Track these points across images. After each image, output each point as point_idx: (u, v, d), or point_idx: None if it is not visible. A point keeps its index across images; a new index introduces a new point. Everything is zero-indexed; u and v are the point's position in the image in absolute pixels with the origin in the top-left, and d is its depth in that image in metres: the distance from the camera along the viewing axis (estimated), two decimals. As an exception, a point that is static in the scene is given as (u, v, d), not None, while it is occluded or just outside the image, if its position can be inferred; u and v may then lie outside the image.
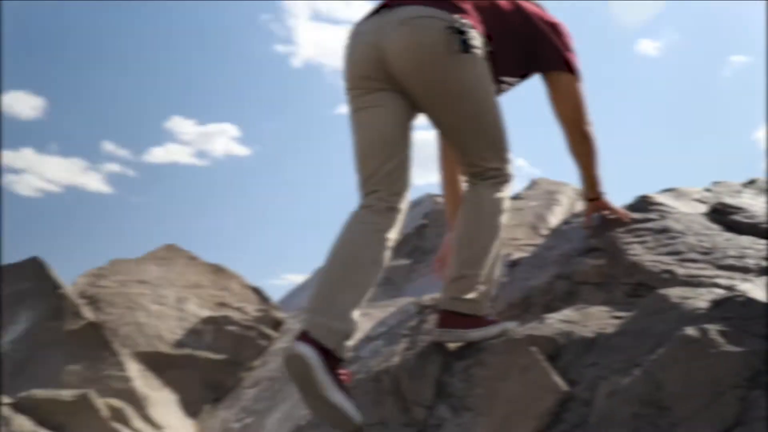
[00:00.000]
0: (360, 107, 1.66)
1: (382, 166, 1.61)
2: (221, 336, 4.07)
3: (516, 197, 4.77)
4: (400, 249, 4.68)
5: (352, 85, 1.67)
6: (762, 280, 1.51)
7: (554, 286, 1.96)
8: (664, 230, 1.96)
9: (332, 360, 1.43)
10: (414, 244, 4.62)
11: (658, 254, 1.82)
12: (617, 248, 1.92)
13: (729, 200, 2.38)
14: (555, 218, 4.18)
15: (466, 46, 1.54)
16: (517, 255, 2.83)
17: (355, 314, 1.48)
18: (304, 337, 1.43)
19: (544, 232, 3.91)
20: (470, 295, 1.62)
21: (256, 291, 4.67)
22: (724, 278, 1.58)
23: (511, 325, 1.66)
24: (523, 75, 1.88)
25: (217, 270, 4.77)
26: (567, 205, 4.54)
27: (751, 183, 2.86)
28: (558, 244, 2.29)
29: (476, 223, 1.68)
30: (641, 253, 1.84)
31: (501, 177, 1.71)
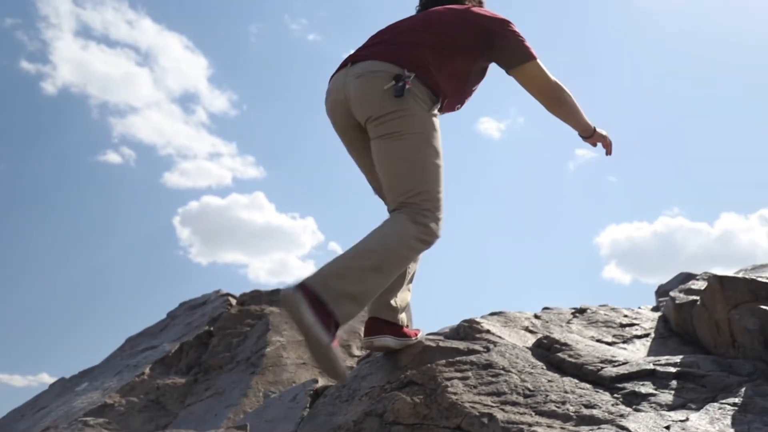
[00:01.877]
0: (350, 152, 2.40)
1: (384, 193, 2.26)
2: None
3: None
4: (174, 362, 4.49)
5: (339, 134, 2.38)
6: None
7: (363, 426, 2.03)
8: (487, 365, 2.16)
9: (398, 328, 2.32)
10: (194, 357, 4.46)
11: (479, 393, 1.99)
12: (437, 384, 2.06)
13: (557, 333, 2.70)
14: (371, 336, 4.33)
15: (399, 91, 2.10)
16: (321, 382, 2.88)
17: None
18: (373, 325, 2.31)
19: (358, 353, 4.04)
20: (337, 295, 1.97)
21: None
22: (543, 426, 1.77)
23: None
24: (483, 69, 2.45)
25: None
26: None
27: (580, 312, 3.28)
28: (372, 372, 2.40)
29: (379, 235, 2.08)
30: (462, 391, 2.00)
31: (421, 217, 2.12)
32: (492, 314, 3.10)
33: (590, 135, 2.59)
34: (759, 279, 2.29)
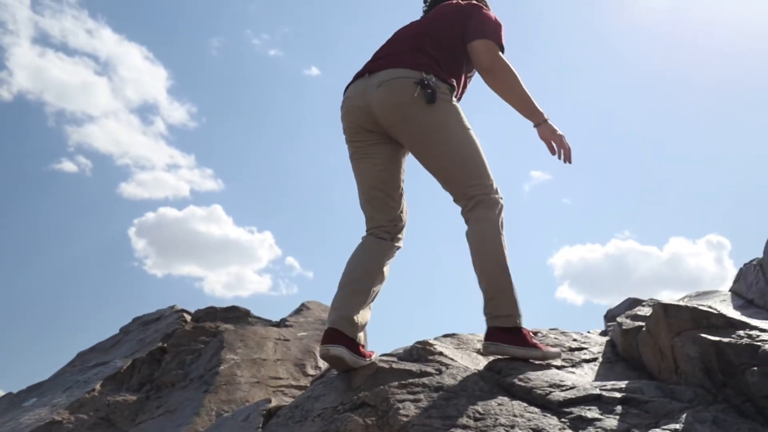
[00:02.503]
0: (359, 158, 2.61)
1: (371, 198, 2.61)
2: None
3: (282, 324, 4.87)
4: (126, 379, 4.42)
5: (351, 138, 2.61)
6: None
7: (314, 448, 2.04)
8: (439, 388, 2.19)
9: (355, 345, 2.39)
10: (146, 374, 4.40)
11: (430, 416, 2.01)
12: (389, 406, 2.08)
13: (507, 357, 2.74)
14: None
15: (431, 98, 2.39)
16: (275, 402, 2.88)
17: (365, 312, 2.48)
18: (331, 335, 2.37)
19: (312, 372, 4.03)
20: (503, 311, 2.43)
21: None
22: (492, 450, 1.80)
23: (553, 353, 2.51)
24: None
25: None
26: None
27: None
28: (325, 393, 2.41)
29: (483, 247, 2.44)
30: (413, 413, 2.02)
31: (487, 200, 2.48)
32: (445, 336, 3.13)
33: (540, 123, 2.60)
34: (700, 307, 2.37)
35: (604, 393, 2.08)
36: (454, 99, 2.54)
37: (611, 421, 1.93)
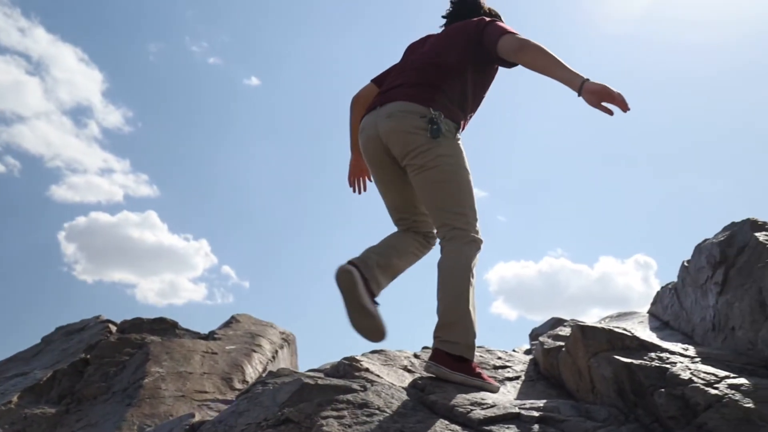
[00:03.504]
0: (378, 181, 2.83)
1: (399, 219, 2.84)
2: None
3: (210, 337, 4.80)
4: (46, 391, 4.27)
5: (370, 165, 2.81)
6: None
7: (236, 464, 2.02)
8: (363, 405, 2.20)
9: (369, 287, 2.51)
10: (67, 386, 4.26)
11: (352, 434, 2.02)
12: (312, 422, 2.09)
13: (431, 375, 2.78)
14: (254, 370, 4.30)
15: (436, 133, 2.53)
16: (198, 416, 2.84)
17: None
18: (351, 262, 2.52)
19: (239, 386, 3.99)
20: (453, 338, 2.48)
21: None
22: (412, 467, 1.83)
23: (493, 386, 2.50)
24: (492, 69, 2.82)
25: None
26: (270, 353, 4.71)
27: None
28: (249, 408, 2.39)
29: (450, 275, 2.52)
30: (336, 430, 2.03)
31: (466, 236, 2.57)
32: (373, 352, 3.16)
33: (582, 84, 2.42)
34: (615, 330, 2.46)
35: (522, 412, 2.13)
36: (459, 136, 2.68)
37: (528, 439, 1.99)
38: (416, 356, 3.21)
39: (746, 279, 2.57)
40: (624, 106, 2.38)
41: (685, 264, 3.36)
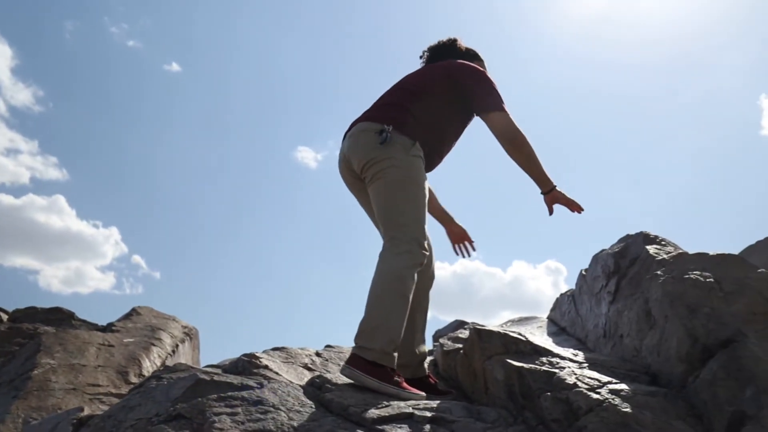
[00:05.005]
0: (359, 201, 3.00)
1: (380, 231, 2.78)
2: None
3: (108, 329, 4.68)
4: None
5: (348, 187, 2.99)
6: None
7: (122, 461, 1.99)
8: (258, 402, 2.21)
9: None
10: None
11: (245, 430, 2.02)
12: (204, 419, 2.08)
13: (331, 373, 2.81)
14: (152, 364, 4.21)
15: (382, 141, 2.65)
16: (88, 410, 2.77)
17: None
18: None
19: (135, 380, 3.90)
20: (370, 344, 2.48)
21: None
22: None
23: (412, 394, 2.47)
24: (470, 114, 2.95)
25: None
26: (170, 347, 4.63)
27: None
28: (141, 403, 2.35)
29: (374, 283, 2.58)
30: (228, 427, 2.03)
31: (403, 246, 2.61)
32: (275, 349, 3.15)
33: (548, 191, 2.83)
34: (511, 334, 2.55)
35: (416, 412, 2.18)
36: (414, 151, 2.73)
37: (419, 439, 2.04)
38: (318, 354, 3.23)
39: (635, 289, 2.71)
40: (578, 210, 2.84)
41: (583, 273, 3.51)
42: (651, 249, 2.83)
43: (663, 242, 2.93)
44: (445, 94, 2.84)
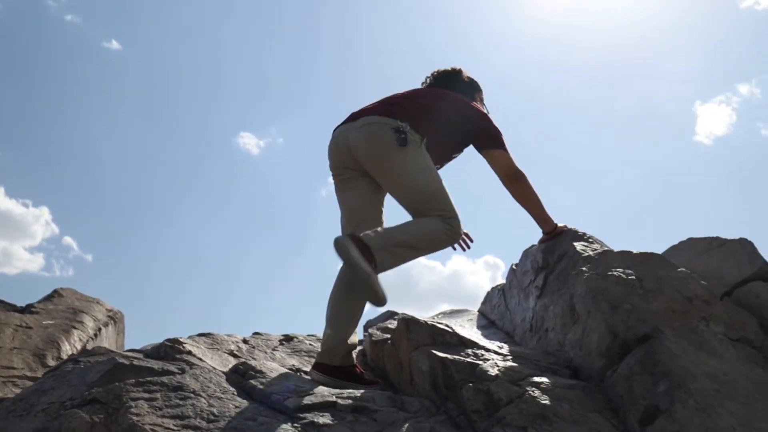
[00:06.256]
0: (341, 189, 2.97)
1: (356, 228, 2.79)
2: None
3: (27, 310, 4.54)
4: None
5: (335, 173, 2.99)
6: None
7: (31, 445, 1.94)
8: (178, 388, 2.18)
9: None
10: None
11: (162, 416, 2.00)
12: (121, 403, 2.04)
13: (259, 360, 2.80)
14: (72, 347, 4.11)
15: (403, 142, 2.71)
16: (0, 393, 2.69)
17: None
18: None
19: (53, 364, 3.80)
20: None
21: None
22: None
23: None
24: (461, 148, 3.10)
25: None
26: (92, 331, 4.52)
27: (287, 340, 3.42)
28: (55, 387, 2.29)
29: (416, 225, 2.72)
30: (145, 412, 2.00)
31: (452, 221, 2.74)
32: (200, 335, 3.11)
33: (550, 231, 3.08)
34: (438, 325, 2.58)
35: (339, 401, 2.19)
36: (423, 144, 2.83)
37: (341, 428, 2.05)
38: (245, 341, 3.20)
39: (562, 285, 2.78)
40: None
41: (514, 267, 3.57)
42: (578, 246, 2.90)
43: (590, 240, 3.01)
44: (450, 122, 2.96)
